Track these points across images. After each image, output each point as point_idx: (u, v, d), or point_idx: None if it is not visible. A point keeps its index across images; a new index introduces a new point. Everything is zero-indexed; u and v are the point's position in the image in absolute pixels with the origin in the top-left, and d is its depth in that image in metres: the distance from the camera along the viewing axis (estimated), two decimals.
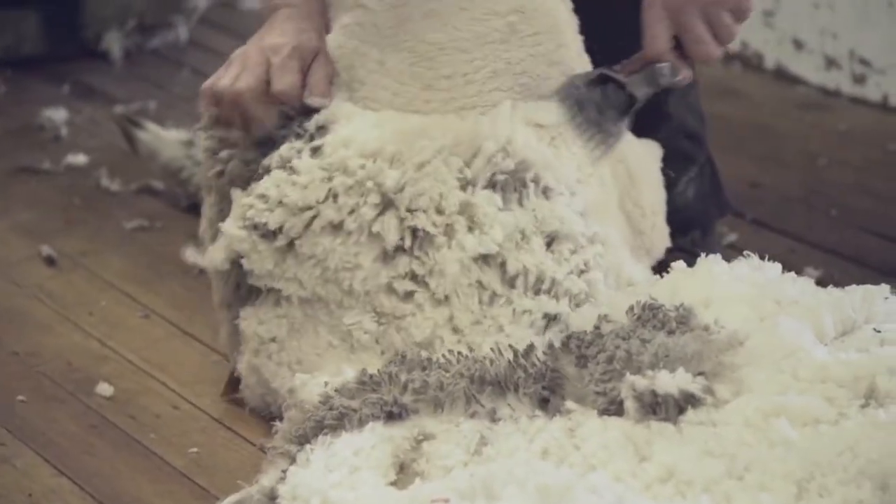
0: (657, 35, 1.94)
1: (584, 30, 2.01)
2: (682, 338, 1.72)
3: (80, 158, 2.76)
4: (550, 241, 1.91)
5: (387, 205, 1.90)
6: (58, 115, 2.91)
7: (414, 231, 1.89)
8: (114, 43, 3.24)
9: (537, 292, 1.89)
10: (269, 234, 1.91)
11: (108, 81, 3.15)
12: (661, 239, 2.09)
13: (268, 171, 1.93)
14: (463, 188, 1.90)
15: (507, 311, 1.89)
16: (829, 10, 3.13)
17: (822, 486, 1.55)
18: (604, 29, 1.97)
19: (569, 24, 2.00)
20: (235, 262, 1.95)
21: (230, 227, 1.93)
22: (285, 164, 1.92)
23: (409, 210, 1.89)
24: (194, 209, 2.50)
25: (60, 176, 2.71)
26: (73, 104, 3.00)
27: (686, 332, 1.74)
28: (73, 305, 2.28)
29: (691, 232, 2.19)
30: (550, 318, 1.89)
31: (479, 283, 1.89)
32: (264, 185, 1.92)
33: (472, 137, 1.92)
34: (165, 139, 2.62)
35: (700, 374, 1.68)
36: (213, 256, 1.96)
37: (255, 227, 1.92)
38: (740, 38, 3.26)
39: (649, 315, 1.77)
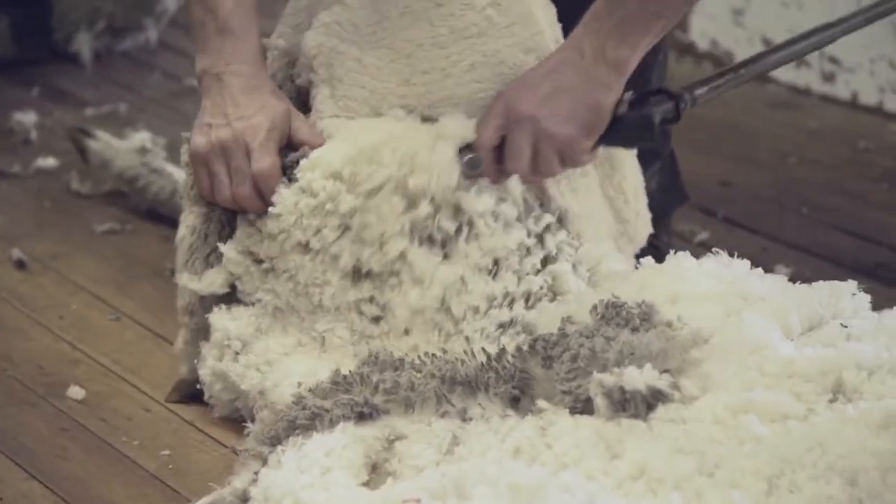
0: (487, 127, 1.92)
1: (563, 17, 2.02)
2: (646, 335, 1.73)
3: (49, 162, 2.75)
4: (495, 266, 1.93)
5: (344, 229, 1.91)
6: (27, 118, 2.90)
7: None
8: (84, 45, 3.23)
9: (487, 313, 1.91)
10: (259, 259, 1.97)
11: (78, 84, 3.14)
12: (644, 226, 2.11)
13: None
14: (402, 234, 1.92)
15: (461, 339, 1.91)
16: (798, 8, 3.14)
17: (792, 482, 1.56)
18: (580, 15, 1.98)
19: (544, 12, 2.01)
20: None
21: (230, 251, 1.96)
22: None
23: (359, 239, 1.91)
24: (154, 215, 2.51)
25: (30, 179, 2.70)
26: (43, 107, 2.99)
27: (649, 328, 1.75)
28: (43, 309, 2.27)
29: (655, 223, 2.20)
30: (506, 325, 1.90)
31: (433, 320, 1.91)
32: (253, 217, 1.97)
33: (421, 166, 1.92)
34: (118, 148, 2.60)
35: (665, 371, 1.69)
36: (211, 280, 1.98)
37: (250, 252, 1.96)
38: (710, 37, 3.28)
39: (613, 313, 1.78)
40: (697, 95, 1.94)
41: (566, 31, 1.99)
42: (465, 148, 1.94)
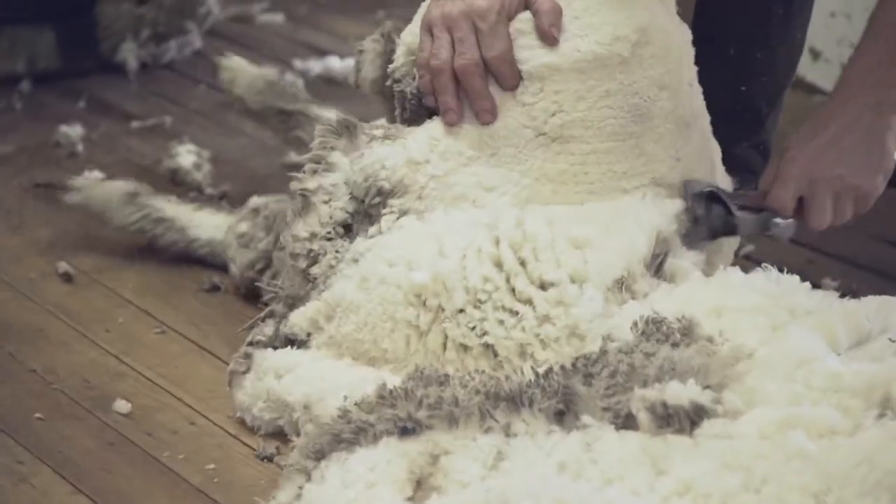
0: (786, 192, 2.01)
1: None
2: (686, 350, 1.72)
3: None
4: None
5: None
6: (73, 131, 2.92)
7: None
8: (129, 54, 3.24)
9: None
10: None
11: (124, 97, 3.16)
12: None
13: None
14: None
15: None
16: (846, 19, 3.12)
17: (840, 498, 1.54)
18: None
19: (683, 51, 2.04)
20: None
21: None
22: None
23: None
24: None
25: None
26: (89, 120, 3.01)
27: (690, 344, 1.74)
28: (89, 322, 2.28)
29: None
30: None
31: None
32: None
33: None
34: (248, 71, 2.64)
35: (707, 386, 1.68)
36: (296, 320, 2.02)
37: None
38: None
39: (653, 329, 1.77)
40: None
41: None
42: (707, 194, 2.03)
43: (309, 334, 2.00)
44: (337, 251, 2.04)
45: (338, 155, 2.07)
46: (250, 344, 2.07)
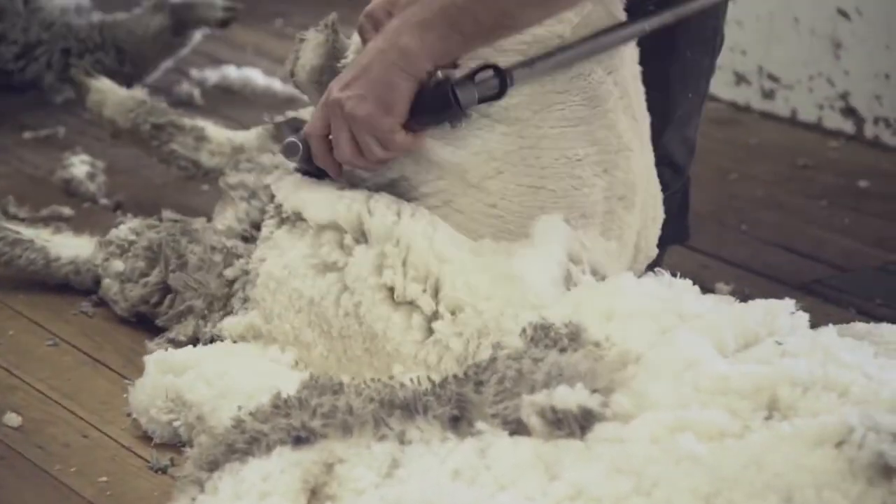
0: (314, 117, 2.00)
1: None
2: (573, 356, 1.73)
3: None
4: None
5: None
6: None
7: None
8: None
9: None
10: None
11: (15, 108, 3.13)
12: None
13: None
14: None
15: None
16: (738, 26, 3.16)
17: (729, 500, 1.56)
18: None
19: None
20: None
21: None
22: None
23: None
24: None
25: None
26: None
27: (577, 349, 1.75)
28: None
29: None
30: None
31: None
32: None
33: None
34: (116, 96, 2.66)
35: (595, 391, 1.69)
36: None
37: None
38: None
39: (541, 335, 1.78)
40: (517, 75, 1.95)
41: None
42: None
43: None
44: (250, 255, 2.05)
45: (268, 157, 2.07)
46: (171, 342, 2.09)
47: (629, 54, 2.05)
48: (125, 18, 3.18)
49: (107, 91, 2.68)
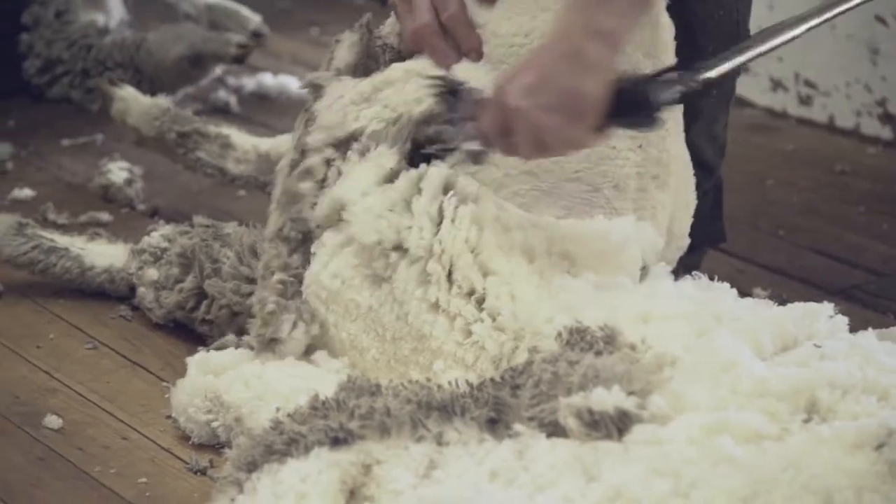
0: (485, 120, 1.89)
1: None
2: (609, 358, 1.73)
3: (25, 192, 2.75)
4: None
5: None
6: (4, 149, 2.90)
7: None
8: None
9: None
10: None
11: (53, 115, 3.14)
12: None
13: None
14: None
15: None
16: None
17: (767, 502, 1.56)
18: None
19: (668, 26, 2.04)
20: None
21: None
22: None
23: None
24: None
25: (6, 209, 2.69)
26: (19, 138, 2.99)
27: (613, 352, 1.75)
28: (19, 338, 2.26)
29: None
30: None
31: None
32: None
33: None
34: (139, 104, 2.65)
35: (631, 393, 1.69)
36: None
37: None
38: None
39: (577, 338, 1.78)
40: (705, 78, 1.84)
41: None
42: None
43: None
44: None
45: None
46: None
47: (667, 39, 2.04)
48: (148, 39, 3.18)
49: (130, 99, 2.68)
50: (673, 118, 2.04)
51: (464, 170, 1.97)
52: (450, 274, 1.93)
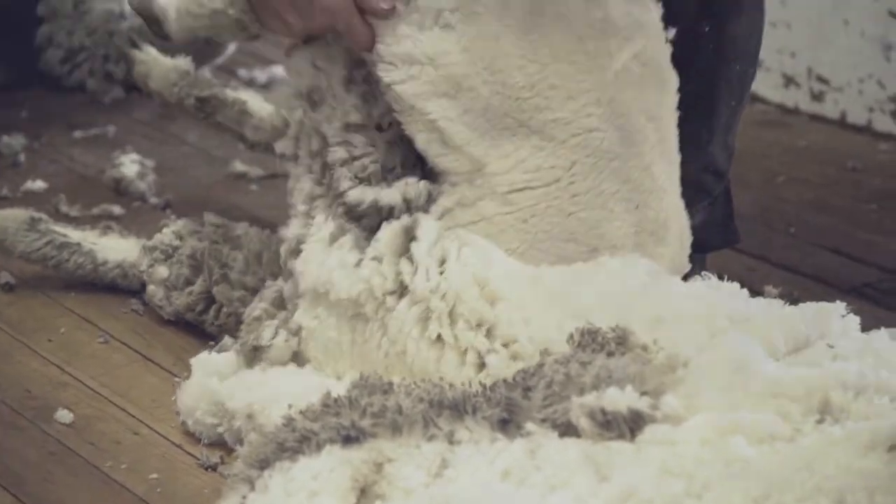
0: None
1: None
2: (621, 359, 1.73)
3: (38, 184, 2.75)
4: None
5: None
6: (16, 141, 2.91)
7: None
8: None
9: None
10: None
11: (66, 107, 3.15)
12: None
13: None
14: None
15: None
16: (787, 28, 3.15)
17: (780, 503, 1.55)
18: None
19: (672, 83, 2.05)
20: None
21: None
22: None
23: None
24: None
25: (18, 202, 2.70)
26: (32, 130, 2.99)
27: (624, 352, 1.75)
28: (31, 332, 2.27)
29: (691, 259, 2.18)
30: None
31: None
32: None
33: None
34: (161, 65, 2.61)
35: (644, 393, 1.69)
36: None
37: None
38: None
39: (588, 339, 1.78)
40: None
41: None
42: None
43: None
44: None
45: None
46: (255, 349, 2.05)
47: (671, 103, 2.05)
48: None
49: (151, 62, 2.64)
50: (670, 176, 2.04)
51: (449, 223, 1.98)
52: (451, 310, 1.92)
